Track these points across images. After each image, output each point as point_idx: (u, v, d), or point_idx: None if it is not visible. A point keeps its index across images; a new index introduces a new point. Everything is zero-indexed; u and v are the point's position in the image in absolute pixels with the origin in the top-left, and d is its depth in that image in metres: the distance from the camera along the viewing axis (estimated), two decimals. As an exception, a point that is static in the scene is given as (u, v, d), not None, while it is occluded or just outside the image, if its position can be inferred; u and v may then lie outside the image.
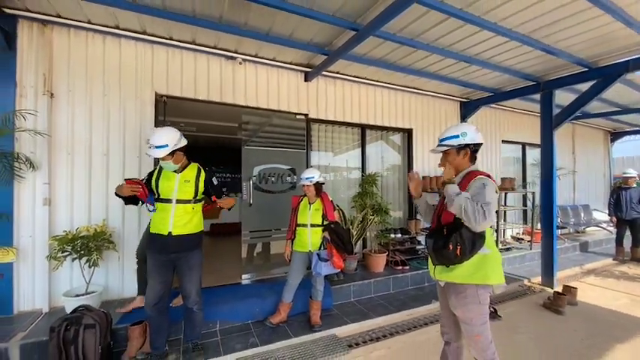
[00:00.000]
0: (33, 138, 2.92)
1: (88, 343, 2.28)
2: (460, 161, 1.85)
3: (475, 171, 1.81)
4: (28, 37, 2.96)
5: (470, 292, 1.73)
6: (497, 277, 1.74)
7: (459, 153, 1.84)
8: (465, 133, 1.82)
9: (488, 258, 1.72)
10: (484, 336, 1.77)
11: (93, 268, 2.98)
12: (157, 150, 2.23)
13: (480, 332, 1.76)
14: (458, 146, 1.83)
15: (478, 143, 1.85)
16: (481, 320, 1.76)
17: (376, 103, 4.99)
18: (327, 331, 3.10)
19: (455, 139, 1.84)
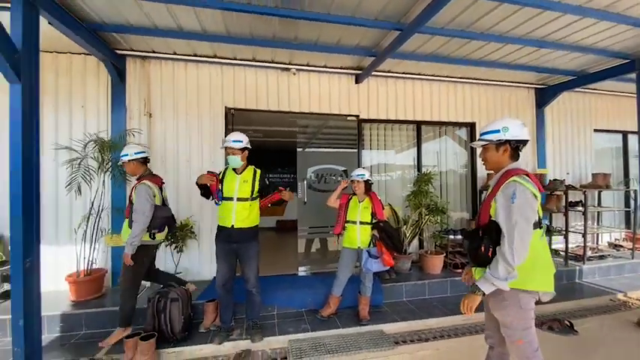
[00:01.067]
0: (138, 150, 3.75)
1: (174, 313, 2.85)
2: (499, 158, 1.72)
3: (512, 170, 1.66)
4: (133, 70, 3.81)
5: (509, 295, 1.62)
6: (540, 284, 1.62)
7: (498, 149, 1.71)
8: (507, 128, 1.68)
9: (531, 262, 1.58)
10: (527, 342, 1.65)
11: (180, 253, 3.68)
12: (233, 142, 2.70)
13: (521, 337, 1.65)
14: (497, 142, 1.70)
15: (522, 140, 1.69)
16: (523, 325, 1.65)
17: (432, 98, 4.81)
18: (375, 326, 3.18)
19: (494, 134, 1.71)
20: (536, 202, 1.57)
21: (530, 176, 1.63)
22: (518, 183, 1.56)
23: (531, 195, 1.55)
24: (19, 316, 2.18)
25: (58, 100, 3.62)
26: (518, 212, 1.52)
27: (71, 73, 3.66)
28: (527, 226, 1.52)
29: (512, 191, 1.56)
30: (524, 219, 1.52)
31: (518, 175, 1.60)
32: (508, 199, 1.56)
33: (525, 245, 1.51)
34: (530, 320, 1.66)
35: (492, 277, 1.55)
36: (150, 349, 2.55)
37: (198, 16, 2.94)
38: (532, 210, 1.55)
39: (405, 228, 4.23)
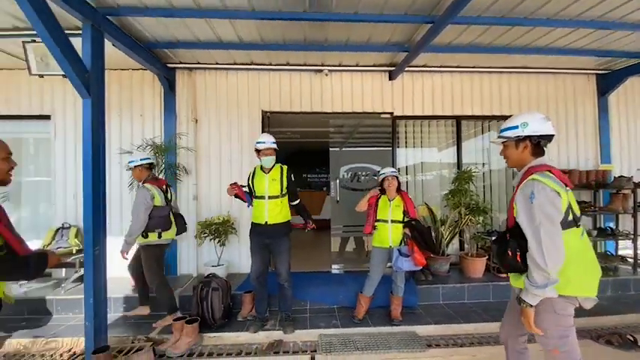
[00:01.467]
0: (186, 152, 4.15)
1: (214, 301, 3.11)
2: (519, 155, 1.63)
3: (534, 167, 1.57)
4: (181, 81, 4.22)
5: (543, 300, 1.49)
6: (577, 288, 1.48)
7: (518, 146, 1.62)
8: (526, 123, 1.58)
9: (568, 264, 1.44)
10: (564, 352, 1.52)
11: (222, 247, 3.99)
12: (270, 144, 2.89)
13: (557, 347, 1.53)
14: (516, 138, 1.61)
15: (544, 135, 1.57)
16: (559, 333, 1.52)
17: (473, 90, 4.53)
18: (408, 327, 3.12)
19: (512, 131, 1.62)
20: (559, 199, 1.45)
21: (554, 171, 1.52)
22: (537, 181, 1.47)
23: (552, 191, 1.44)
24: (90, 295, 2.58)
25: (121, 110, 4.17)
26: (540, 211, 1.42)
27: (132, 87, 4.18)
28: (552, 225, 1.42)
29: (530, 190, 1.47)
30: (547, 218, 1.42)
31: (539, 172, 1.50)
32: (527, 199, 1.47)
33: (557, 245, 1.40)
34: (568, 328, 1.52)
35: (531, 286, 1.45)
36: (194, 331, 2.83)
37: (235, 27, 3.17)
38: (554, 207, 1.43)
39: (443, 228, 4.06)
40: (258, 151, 2.93)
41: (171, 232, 3.18)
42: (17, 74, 4.10)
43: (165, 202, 3.15)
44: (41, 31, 2.20)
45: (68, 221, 4.05)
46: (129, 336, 2.99)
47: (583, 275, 1.50)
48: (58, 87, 4.07)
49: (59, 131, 4.13)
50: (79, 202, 4.08)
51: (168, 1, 2.68)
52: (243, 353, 2.74)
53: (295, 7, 2.82)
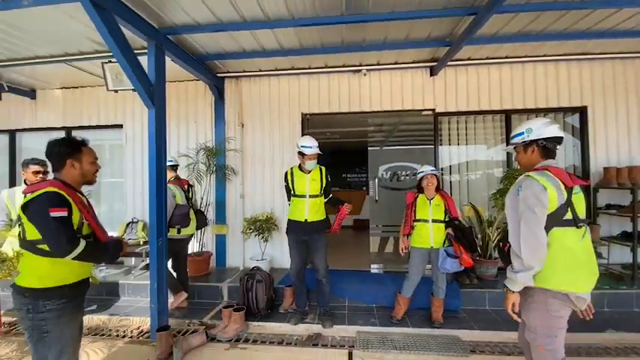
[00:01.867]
0: (234, 155, 4.49)
1: (259, 293, 3.34)
2: (529, 159, 1.74)
3: (538, 167, 1.67)
4: (229, 89, 4.58)
5: (537, 297, 1.59)
6: (565, 283, 1.54)
7: (526, 151, 1.74)
8: (530, 129, 1.71)
9: (558, 259, 1.54)
10: (549, 350, 1.59)
11: (265, 243, 4.24)
12: (316, 149, 2.98)
13: (543, 344, 1.59)
14: (523, 144, 1.74)
15: (550, 137, 1.66)
16: (547, 331, 1.59)
17: (524, 82, 4.20)
18: (450, 330, 3.03)
19: (519, 137, 1.76)
20: (546, 194, 1.52)
21: (553, 170, 1.60)
22: (529, 177, 1.60)
23: (539, 185, 1.53)
24: (154, 281, 2.95)
25: (179, 118, 4.65)
26: (523, 202, 1.55)
27: (187, 96, 4.64)
28: (532, 215, 1.51)
29: (519, 184, 1.62)
30: (529, 208, 1.53)
31: (536, 171, 1.62)
32: (515, 191, 1.63)
33: (535, 234, 1.50)
34: (557, 329, 1.59)
35: (510, 271, 1.60)
36: (240, 319, 3.07)
37: (276, 35, 3.37)
38: (537, 200, 1.52)
39: (490, 230, 3.83)
40: (302, 154, 3.02)
41: (189, 228, 3.53)
42: (96, 90, 4.82)
43: (186, 200, 3.53)
44: (116, 52, 2.59)
45: (136, 216, 4.64)
46: (185, 320, 3.34)
47: (572, 272, 1.55)
48: (128, 100, 4.69)
49: (129, 138, 4.75)
50: (145, 200, 4.64)
51: (217, 17, 2.96)
52: (285, 343, 2.91)
53: (332, 12, 2.92)
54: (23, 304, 1.59)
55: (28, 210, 1.56)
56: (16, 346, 2.88)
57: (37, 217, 1.55)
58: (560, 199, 1.54)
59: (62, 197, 1.60)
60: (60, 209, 1.56)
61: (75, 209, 1.65)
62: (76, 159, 1.74)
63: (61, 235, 1.54)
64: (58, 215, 1.54)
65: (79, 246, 1.58)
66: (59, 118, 4.92)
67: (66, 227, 1.57)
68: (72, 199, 1.66)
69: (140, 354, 2.73)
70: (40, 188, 1.60)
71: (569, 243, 1.55)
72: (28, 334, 1.61)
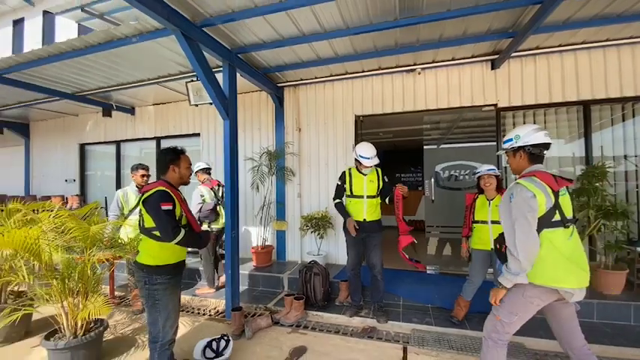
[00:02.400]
0: (292, 157, 4.86)
1: (316, 284, 3.60)
2: (518, 163, 1.89)
3: (527, 172, 1.82)
4: (288, 97, 4.96)
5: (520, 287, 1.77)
6: (552, 279, 1.69)
7: (515, 156, 1.89)
8: (518, 136, 1.86)
9: (546, 258, 1.69)
10: (503, 323, 1.83)
11: (321, 239, 4.51)
12: (375, 160, 3.11)
13: (502, 315, 1.84)
14: (512, 149, 1.89)
15: (536, 144, 1.80)
16: (511, 308, 1.80)
17: (607, 69, 3.73)
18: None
19: (509, 143, 1.91)
20: (535, 200, 1.67)
21: (539, 176, 1.72)
22: (518, 184, 1.74)
23: (528, 192, 1.68)
24: (229, 267, 3.41)
25: (245, 125, 5.19)
26: (516, 209, 1.70)
27: (252, 106, 5.17)
28: (525, 221, 1.66)
29: (511, 192, 1.75)
30: (522, 214, 1.67)
31: (525, 177, 1.76)
32: (508, 198, 1.76)
33: (529, 238, 1.65)
34: (523, 312, 1.79)
35: (507, 272, 1.76)
36: (300, 307, 3.36)
37: (332, 45, 3.59)
38: (528, 206, 1.67)
39: (564, 234, 3.50)
40: (359, 163, 3.15)
41: (218, 223, 4.04)
42: (179, 105, 5.65)
43: (215, 199, 4.06)
44: (199, 72, 3.08)
45: (210, 212, 5.31)
46: (252, 304, 3.77)
47: (560, 270, 1.68)
48: (203, 113, 5.40)
49: (205, 145, 5.47)
50: (217, 198, 5.30)
51: (280, 34, 3.30)
52: (341, 332, 3.11)
53: (386, 18, 3.02)
54: (142, 277, 2.07)
55: (146, 204, 2.03)
56: (125, 314, 3.60)
57: (152, 210, 2.01)
58: (549, 203, 1.68)
59: (169, 194, 2.04)
60: (167, 204, 2.00)
61: (177, 204, 2.09)
62: (176, 164, 2.19)
63: (168, 225, 1.97)
64: (166, 209, 1.98)
65: (180, 234, 2.00)
66: (151, 130, 5.89)
67: (171, 218, 2.00)
68: (175, 196, 2.09)
69: (218, 329, 3.19)
70: (153, 187, 2.07)
71: (558, 242, 1.70)
72: (145, 300, 2.09)
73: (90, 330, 2.54)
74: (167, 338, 2.09)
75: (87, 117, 6.45)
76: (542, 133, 1.81)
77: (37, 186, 6.98)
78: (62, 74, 4.28)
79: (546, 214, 1.68)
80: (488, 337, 1.93)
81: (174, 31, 2.72)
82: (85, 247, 2.47)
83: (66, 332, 2.45)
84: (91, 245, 2.48)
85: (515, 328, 1.85)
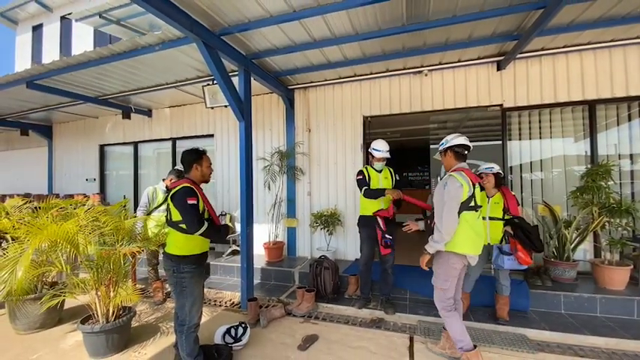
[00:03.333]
0: (302, 157, 5.04)
1: (326, 278, 3.77)
2: (447, 161, 2.51)
3: (457, 168, 2.40)
4: (298, 99, 5.15)
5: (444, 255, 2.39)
6: (464, 248, 2.34)
7: (445, 155, 2.51)
8: (447, 140, 2.50)
9: (461, 233, 2.31)
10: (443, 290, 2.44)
11: (330, 236, 4.68)
12: (385, 153, 3.30)
13: (440, 285, 2.46)
14: (443, 150, 2.52)
15: (458, 144, 2.42)
16: (444, 276, 2.43)
17: (612, 68, 3.80)
18: (516, 328, 3.02)
19: (441, 146, 2.54)
20: (462, 190, 2.26)
21: (466, 172, 2.35)
22: (452, 176, 2.32)
23: (459, 184, 2.27)
24: (244, 261, 3.62)
25: (256, 126, 5.39)
26: (447, 195, 2.28)
27: (263, 108, 5.37)
28: (452, 204, 2.26)
29: (446, 181, 2.34)
30: (450, 199, 2.27)
31: (456, 172, 2.34)
32: (442, 186, 2.35)
33: (451, 217, 2.26)
34: (451, 277, 2.41)
35: (431, 240, 2.38)
36: (312, 299, 3.55)
37: (341, 49, 3.76)
38: (456, 194, 2.26)
39: (568, 231, 3.59)
40: (372, 155, 3.36)
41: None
42: (194, 107, 5.90)
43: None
44: (217, 77, 3.29)
45: (224, 210, 5.54)
46: (265, 297, 3.97)
47: (469, 241, 2.34)
48: (217, 114, 5.63)
49: (218, 145, 5.70)
50: (231, 196, 5.53)
51: (292, 41, 3.48)
52: (350, 323, 3.28)
53: (394, 24, 3.17)
54: (170, 266, 2.28)
55: (174, 199, 2.24)
56: (148, 305, 3.84)
57: (179, 204, 2.21)
58: (469, 192, 2.28)
59: (193, 190, 2.25)
60: (193, 199, 2.20)
61: (201, 200, 2.29)
62: (199, 163, 2.40)
63: (193, 217, 2.18)
64: (191, 203, 2.19)
65: (204, 226, 2.21)
66: (167, 131, 6.16)
67: (196, 212, 2.20)
68: (198, 192, 2.30)
69: (235, 318, 3.40)
70: (180, 184, 2.27)
71: (470, 221, 2.31)
72: (173, 287, 2.30)
73: (120, 316, 2.77)
74: (193, 322, 2.29)
75: (106, 119, 6.77)
76: (463, 137, 2.43)
77: (60, 185, 7.34)
78: (86, 79, 4.55)
79: (466, 200, 2.27)
80: (441, 312, 2.48)
81: (196, 40, 2.93)
82: (117, 240, 2.70)
83: (99, 318, 2.69)
84: (122, 238, 2.71)
85: (451, 292, 2.43)
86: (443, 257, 2.40)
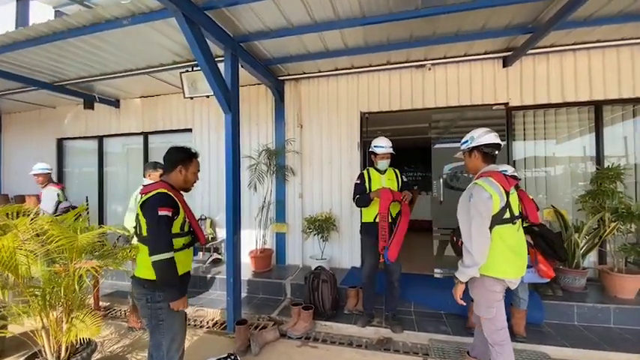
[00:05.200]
0: (293, 155, 4.59)
1: (324, 292, 3.37)
2: (473, 163, 2.07)
3: (483, 172, 1.98)
4: (289, 91, 4.68)
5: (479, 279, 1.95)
6: (501, 272, 1.92)
7: (471, 156, 2.07)
8: (473, 137, 2.05)
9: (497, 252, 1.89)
10: (489, 319, 1.98)
11: (325, 242, 4.28)
12: (389, 149, 2.99)
13: (484, 314, 2.00)
14: (468, 150, 2.07)
15: (488, 144, 1.98)
16: (486, 303, 1.98)
17: (620, 68, 3.67)
18: (535, 346, 2.77)
19: (465, 144, 2.10)
20: (491, 201, 1.84)
21: (495, 177, 1.91)
22: (477, 185, 1.90)
23: (486, 194, 1.85)
24: (230, 275, 3.13)
25: (242, 120, 4.81)
26: (474, 208, 1.85)
27: (250, 100, 4.85)
28: (481, 220, 1.84)
29: (471, 192, 1.91)
30: (479, 214, 1.84)
31: (482, 178, 1.93)
32: (467, 198, 1.92)
33: (483, 235, 1.84)
34: (493, 302, 1.96)
35: (461, 266, 1.94)
36: (309, 317, 3.13)
37: (343, 35, 3.35)
38: (485, 206, 1.84)
39: (578, 236, 3.42)
40: (374, 154, 3.02)
41: None
42: (169, 98, 5.26)
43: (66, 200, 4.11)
44: (200, 61, 2.77)
45: (204, 214, 4.97)
46: (254, 314, 3.50)
47: (506, 262, 1.92)
48: (197, 107, 5.04)
49: (197, 141, 5.11)
50: (212, 199, 4.97)
51: (288, 21, 3.02)
52: (354, 345, 2.90)
53: (407, 6, 2.80)
54: (142, 294, 1.78)
55: (144, 207, 1.74)
56: (114, 329, 3.25)
57: (148, 214, 1.72)
58: (502, 203, 1.87)
59: (170, 198, 1.75)
60: (166, 209, 1.71)
61: (181, 209, 1.80)
62: (185, 166, 1.91)
63: (159, 234, 1.69)
64: (162, 215, 1.69)
65: (167, 254, 1.68)
66: (139, 124, 5.47)
67: (166, 228, 1.70)
68: (178, 199, 1.81)
69: (221, 344, 2.91)
70: (153, 189, 1.77)
71: (506, 237, 1.91)
72: (147, 321, 1.80)
73: (76, 352, 2.21)
74: (172, 365, 1.80)
75: (66, 109, 5.92)
76: (493, 134, 2.01)
77: (9, 184, 6.38)
78: (39, 61, 3.83)
79: (499, 213, 1.88)
80: (493, 343, 2.00)
81: (175, 12, 2.41)
82: (71, 258, 2.13)
83: (47, 356, 2.12)
84: (77, 256, 2.14)
85: (501, 319, 1.98)
86: (477, 281, 1.99)
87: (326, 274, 3.49)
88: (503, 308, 2.00)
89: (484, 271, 1.93)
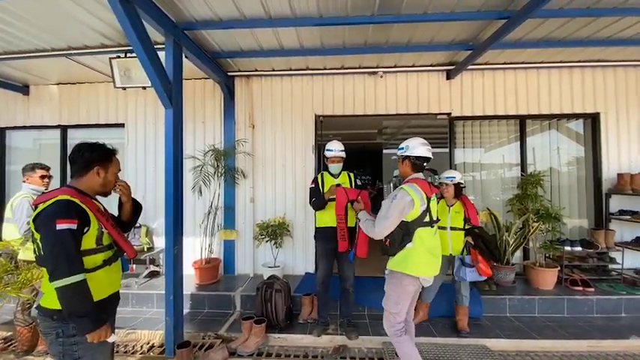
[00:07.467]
0: (244, 157, 4.30)
1: (278, 303, 3.18)
2: (404, 169, 2.23)
3: (410, 179, 2.15)
4: (240, 89, 4.39)
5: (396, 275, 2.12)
6: (417, 270, 2.08)
7: (403, 162, 2.22)
8: (408, 146, 2.18)
9: (414, 252, 2.07)
10: (393, 313, 2.15)
11: (278, 249, 4.08)
12: (341, 152, 2.96)
13: (390, 308, 2.17)
14: (402, 157, 2.21)
15: (419, 156, 2.14)
16: (394, 299, 2.15)
17: (539, 88, 4.21)
18: (477, 339, 2.97)
19: (400, 151, 2.23)
20: (413, 204, 2.01)
21: (419, 184, 2.09)
22: (403, 189, 2.05)
23: (409, 198, 2.01)
24: (170, 292, 2.76)
25: (186, 117, 4.36)
26: (393, 207, 2.02)
27: (195, 95, 4.43)
28: (395, 219, 2.03)
29: (395, 194, 2.07)
30: (397, 213, 2.02)
31: (408, 184, 2.09)
32: (391, 197, 2.07)
33: (385, 226, 2.05)
34: (402, 300, 2.14)
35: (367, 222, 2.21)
36: (262, 331, 2.92)
37: (299, 34, 3.23)
38: (403, 209, 2.01)
39: (508, 236, 3.80)
40: (326, 157, 2.97)
41: None
42: (95, 87, 4.55)
43: None
44: (137, 47, 2.39)
45: (139, 221, 4.37)
46: (199, 332, 3.15)
47: (424, 263, 2.09)
48: (130, 99, 4.43)
49: (131, 138, 4.49)
50: (148, 204, 4.40)
51: (241, 12, 2.79)
52: (310, 356, 2.78)
53: (363, 12, 2.80)
54: (52, 328, 1.41)
55: (37, 221, 1.39)
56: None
57: (42, 229, 1.37)
58: (423, 207, 2.06)
59: (74, 206, 1.42)
60: (67, 221, 1.36)
61: (93, 218, 1.48)
62: (103, 167, 1.58)
63: (61, 252, 1.35)
64: (62, 228, 1.35)
65: (73, 277, 1.35)
66: (54, 116, 4.61)
67: (71, 245, 1.37)
68: (88, 206, 1.48)
69: (158, 372, 2.54)
70: (51, 197, 1.42)
71: (426, 239, 2.09)
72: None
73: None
74: (92, 414, 1.45)
75: (-51, 93, 4.73)
76: (426, 148, 2.16)
77: None
78: None
79: (420, 216, 2.06)
80: (391, 338, 2.20)
81: (102, -17, 2.02)
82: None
83: None
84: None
85: (402, 316, 2.16)
86: (395, 278, 2.13)
87: (280, 283, 3.31)
88: (408, 306, 2.20)
89: (403, 269, 2.08)
